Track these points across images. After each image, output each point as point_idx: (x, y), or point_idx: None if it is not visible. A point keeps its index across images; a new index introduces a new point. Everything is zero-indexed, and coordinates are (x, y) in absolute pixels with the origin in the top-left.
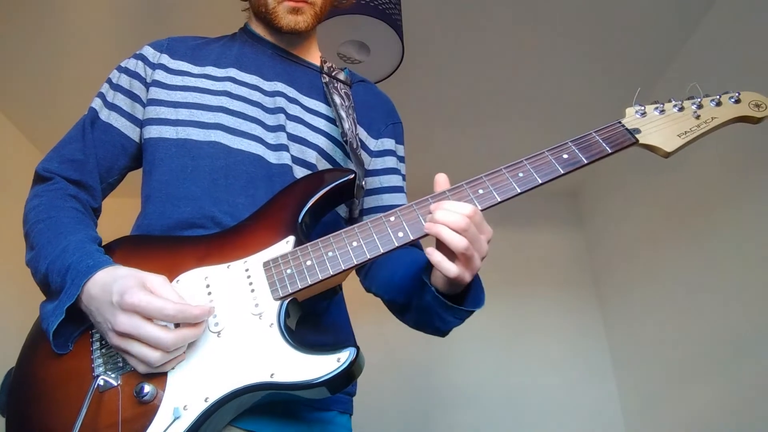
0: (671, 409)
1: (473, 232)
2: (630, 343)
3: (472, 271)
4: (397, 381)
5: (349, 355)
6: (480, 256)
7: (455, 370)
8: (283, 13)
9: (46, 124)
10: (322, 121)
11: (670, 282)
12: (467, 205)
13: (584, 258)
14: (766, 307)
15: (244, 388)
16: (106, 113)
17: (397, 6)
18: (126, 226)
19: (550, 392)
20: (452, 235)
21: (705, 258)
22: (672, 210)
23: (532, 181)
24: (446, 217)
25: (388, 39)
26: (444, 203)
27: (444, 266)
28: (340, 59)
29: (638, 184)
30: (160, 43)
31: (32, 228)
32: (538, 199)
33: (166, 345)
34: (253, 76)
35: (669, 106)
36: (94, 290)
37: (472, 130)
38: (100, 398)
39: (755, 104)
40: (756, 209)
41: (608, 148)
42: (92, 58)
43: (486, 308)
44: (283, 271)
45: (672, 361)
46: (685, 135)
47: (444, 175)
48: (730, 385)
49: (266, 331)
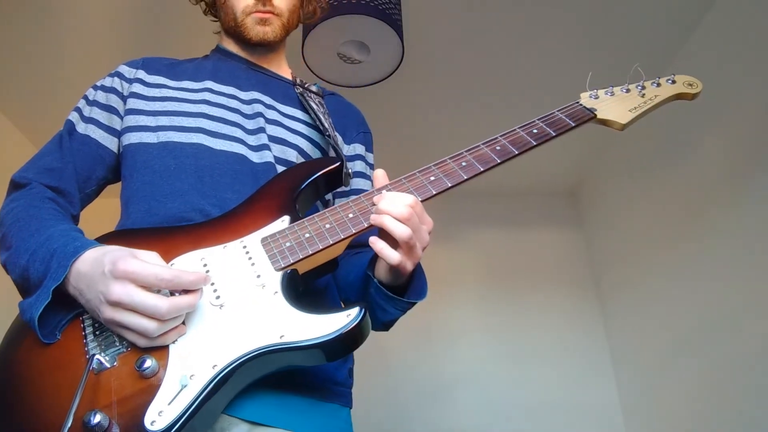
0: (671, 409)
1: (415, 221)
2: (629, 342)
3: (414, 260)
4: (394, 381)
5: (359, 310)
6: (421, 245)
7: (454, 370)
8: (252, 25)
9: (45, 123)
10: (300, 125)
11: (670, 281)
12: (408, 196)
13: (584, 257)
14: (766, 307)
15: (255, 352)
16: (83, 126)
17: (397, 6)
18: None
19: (550, 391)
20: (396, 224)
21: (704, 257)
22: (671, 209)
23: (510, 153)
24: (390, 207)
25: (388, 39)
26: (386, 194)
27: (386, 253)
28: (340, 59)
29: (637, 183)
30: (135, 62)
31: (9, 229)
32: (538, 199)
33: (162, 312)
34: (230, 87)
35: (617, 89)
36: (84, 267)
37: (471, 129)
38: (97, 380)
39: (688, 83)
40: (755, 208)
41: (571, 123)
42: (91, 57)
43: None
44: (282, 244)
45: (671, 359)
46: (635, 110)
47: (382, 170)
48: (731, 386)
49: (271, 298)
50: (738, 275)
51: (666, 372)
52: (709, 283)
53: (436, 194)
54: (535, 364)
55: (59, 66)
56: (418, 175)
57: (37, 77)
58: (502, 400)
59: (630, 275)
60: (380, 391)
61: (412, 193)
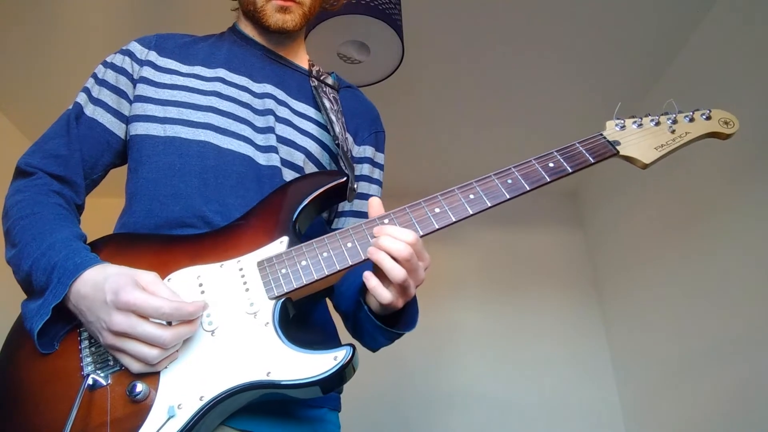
0: (671, 410)
1: (414, 262)
2: (630, 344)
3: (405, 298)
4: (393, 381)
5: (345, 353)
6: (416, 284)
7: (454, 370)
8: (272, 12)
9: (45, 123)
10: (311, 124)
11: (670, 282)
12: (409, 233)
13: (584, 258)
14: (766, 308)
15: (241, 387)
16: (91, 108)
17: (397, 6)
18: (108, 226)
19: (550, 392)
20: (393, 266)
21: (704, 259)
22: (672, 211)
23: (520, 188)
24: (390, 245)
25: (388, 39)
26: (387, 228)
27: (378, 292)
28: (340, 59)
29: (638, 184)
30: (148, 40)
31: (14, 224)
32: (538, 199)
33: (165, 342)
34: (243, 78)
35: (646, 121)
36: (85, 289)
37: (471, 130)
38: (90, 397)
39: (724, 121)
40: (755, 211)
41: (591, 158)
42: (92, 57)
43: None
44: (278, 270)
45: (672, 362)
46: (661, 148)
47: (378, 199)
48: (730, 385)
49: (261, 330)
50: (737, 276)
51: (667, 374)
52: (710, 284)
53: (439, 229)
54: (534, 364)
55: (60, 66)
56: (423, 205)
57: (37, 77)
58: (500, 401)
59: (631, 276)
60: (377, 391)
61: (414, 226)
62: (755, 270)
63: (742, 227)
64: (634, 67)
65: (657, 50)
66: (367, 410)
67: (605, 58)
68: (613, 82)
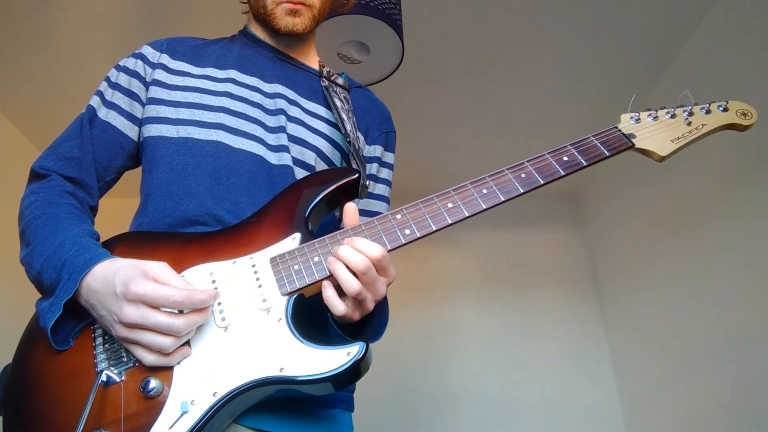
0: (671, 409)
1: (372, 275)
2: (630, 344)
3: (362, 312)
4: (394, 381)
5: (359, 349)
6: (375, 299)
7: (454, 370)
8: (281, 15)
9: (45, 124)
10: (322, 123)
11: (670, 282)
12: (377, 247)
13: (584, 258)
14: (765, 308)
15: (254, 383)
16: (104, 111)
17: (397, 6)
18: (123, 227)
19: (550, 392)
20: (347, 277)
21: (704, 259)
22: (672, 211)
23: (534, 182)
24: (348, 255)
25: (388, 39)
26: (356, 241)
27: (332, 302)
28: (340, 59)
29: (639, 185)
30: (160, 43)
31: (28, 225)
32: (539, 199)
33: (178, 329)
34: (254, 78)
35: (662, 113)
36: (95, 283)
37: (471, 130)
38: (104, 394)
39: (742, 113)
40: (755, 211)
41: (606, 152)
42: (92, 58)
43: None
44: (291, 266)
45: (671, 361)
46: (677, 140)
47: (353, 204)
48: (729, 385)
49: (274, 326)
50: (737, 276)
51: (666, 374)
52: (709, 283)
53: (452, 224)
54: (534, 364)
55: (60, 67)
56: (435, 201)
57: (37, 78)
58: (500, 400)
59: (631, 276)
60: (379, 391)
61: (426, 221)
62: (755, 270)
63: (741, 227)
64: (634, 67)
65: (654, 53)
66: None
67: (605, 58)
68: (618, 80)
